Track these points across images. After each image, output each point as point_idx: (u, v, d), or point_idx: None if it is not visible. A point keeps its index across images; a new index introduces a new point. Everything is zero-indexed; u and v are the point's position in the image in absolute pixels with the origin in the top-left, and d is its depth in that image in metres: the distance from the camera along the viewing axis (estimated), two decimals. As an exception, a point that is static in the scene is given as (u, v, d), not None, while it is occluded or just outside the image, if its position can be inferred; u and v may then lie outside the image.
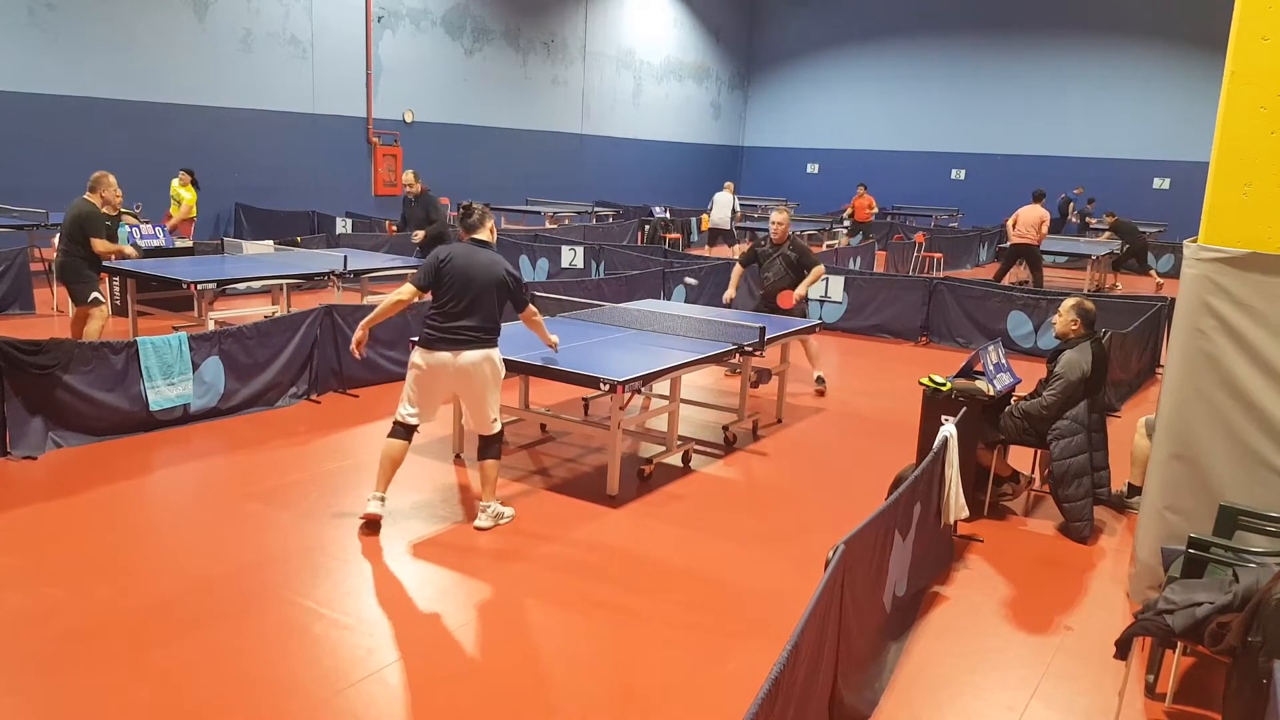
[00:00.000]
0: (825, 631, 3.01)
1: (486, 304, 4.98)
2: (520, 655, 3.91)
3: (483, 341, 4.99)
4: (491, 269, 5.00)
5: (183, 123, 15.53)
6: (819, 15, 28.61)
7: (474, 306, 4.94)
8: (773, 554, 5.04)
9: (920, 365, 9.88)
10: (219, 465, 5.99)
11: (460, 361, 4.93)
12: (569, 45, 23.22)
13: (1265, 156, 4.18)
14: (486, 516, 5.17)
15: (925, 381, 5.58)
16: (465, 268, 4.94)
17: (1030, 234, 14.23)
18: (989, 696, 3.81)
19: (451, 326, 4.94)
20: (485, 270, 4.97)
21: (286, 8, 16.80)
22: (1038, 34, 25.45)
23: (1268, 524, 4.09)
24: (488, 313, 4.99)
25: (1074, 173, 24.77)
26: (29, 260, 10.57)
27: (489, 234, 5.17)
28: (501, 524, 5.20)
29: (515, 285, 5.12)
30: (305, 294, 11.72)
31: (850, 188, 27.18)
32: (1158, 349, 10.02)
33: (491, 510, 5.19)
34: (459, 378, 4.98)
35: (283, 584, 4.41)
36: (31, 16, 13.53)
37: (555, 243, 14.11)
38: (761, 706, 2.20)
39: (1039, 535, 5.52)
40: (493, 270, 5.00)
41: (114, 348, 6.32)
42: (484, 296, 4.96)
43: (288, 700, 3.51)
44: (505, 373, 5.17)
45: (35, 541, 4.72)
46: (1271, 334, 4.21)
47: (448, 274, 4.94)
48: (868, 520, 3.41)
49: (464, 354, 4.93)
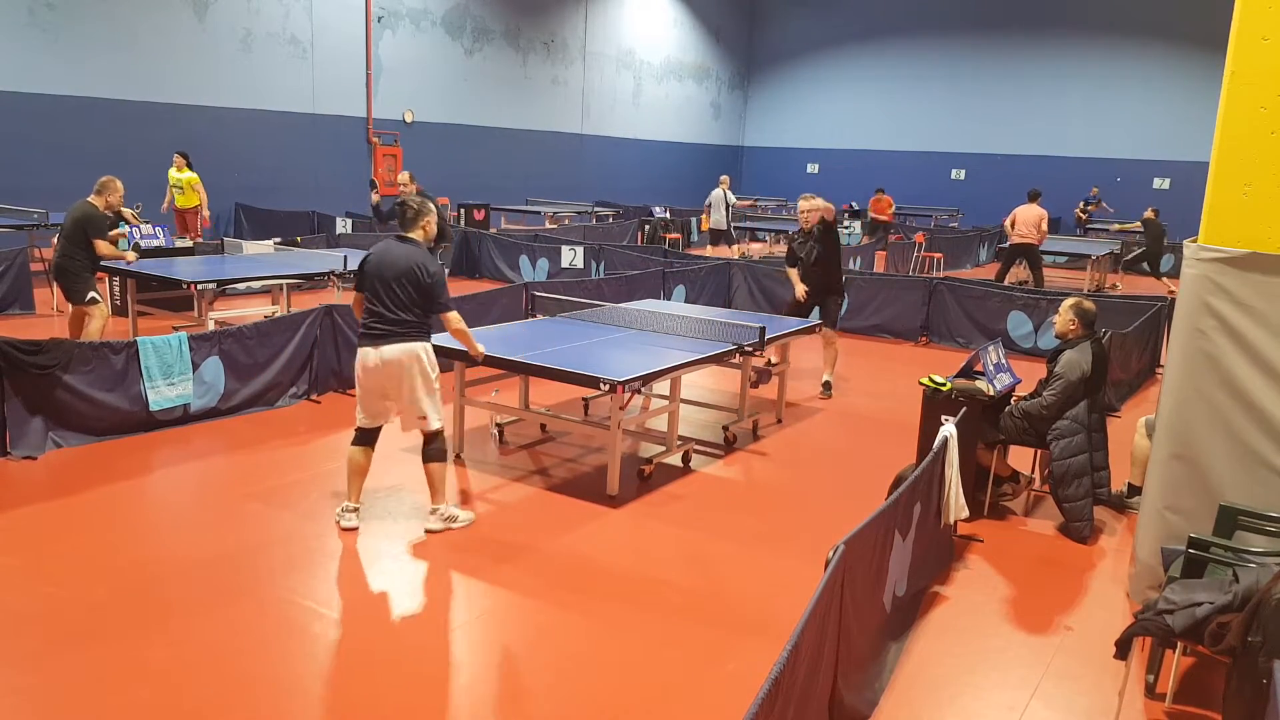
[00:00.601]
0: (825, 631, 3.01)
1: (401, 297, 4.84)
2: (520, 655, 3.91)
3: (400, 335, 4.87)
4: (402, 261, 4.86)
5: (183, 123, 15.53)
6: (819, 15, 28.61)
7: (389, 300, 4.85)
8: (773, 554, 5.04)
9: (920, 365, 9.88)
10: (219, 465, 5.99)
11: (382, 356, 4.86)
12: (569, 45, 23.22)
13: (1265, 156, 4.18)
14: (437, 519, 5.10)
15: (925, 381, 5.58)
16: (379, 264, 4.88)
17: (1031, 233, 14.21)
18: (989, 696, 3.81)
19: (371, 322, 4.90)
20: (396, 264, 4.86)
21: (286, 8, 16.81)
22: (1038, 34, 25.45)
23: (1268, 524, 4.08)
24: (403, 305, 4.86)
25: (1074, 173, 24.78)
26: (29, 260, 10.57)
27: (421, 232, 5.04)
28: (454, 528, 5.10)
29: (429, 281, 4.88)
30: (305, 294, 11.72)
31: (850, 188, 27.22)
32: (1158, 349, 10.01)
33: (442, 513, 5.11)
34: (384, 373, 4.90)
35: (283, 584, 4.41)
36: (31, 16, 13.53)
37: (555, 243, 14.11)
38: (761, 706, 2.20)
39: (1039, 535, 5.52)
40: (404, 263, 4.85)
41: (114, 348, 6.32)
42: (396, 289, 4.84)
43: (288, 700, 3.51)
44: (438, 370, 5.05)
45: (35, 541, 4.73)
46: (1271, 334, 4.21)
47: (367, 271, 4.93)
48: (868, 520, 3.41)
49: (384, 348, 4.86)
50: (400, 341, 4.88)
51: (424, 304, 4.92)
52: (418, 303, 4.90)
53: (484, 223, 17.99)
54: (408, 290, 4.86)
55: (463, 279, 14.26)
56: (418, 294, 4.88)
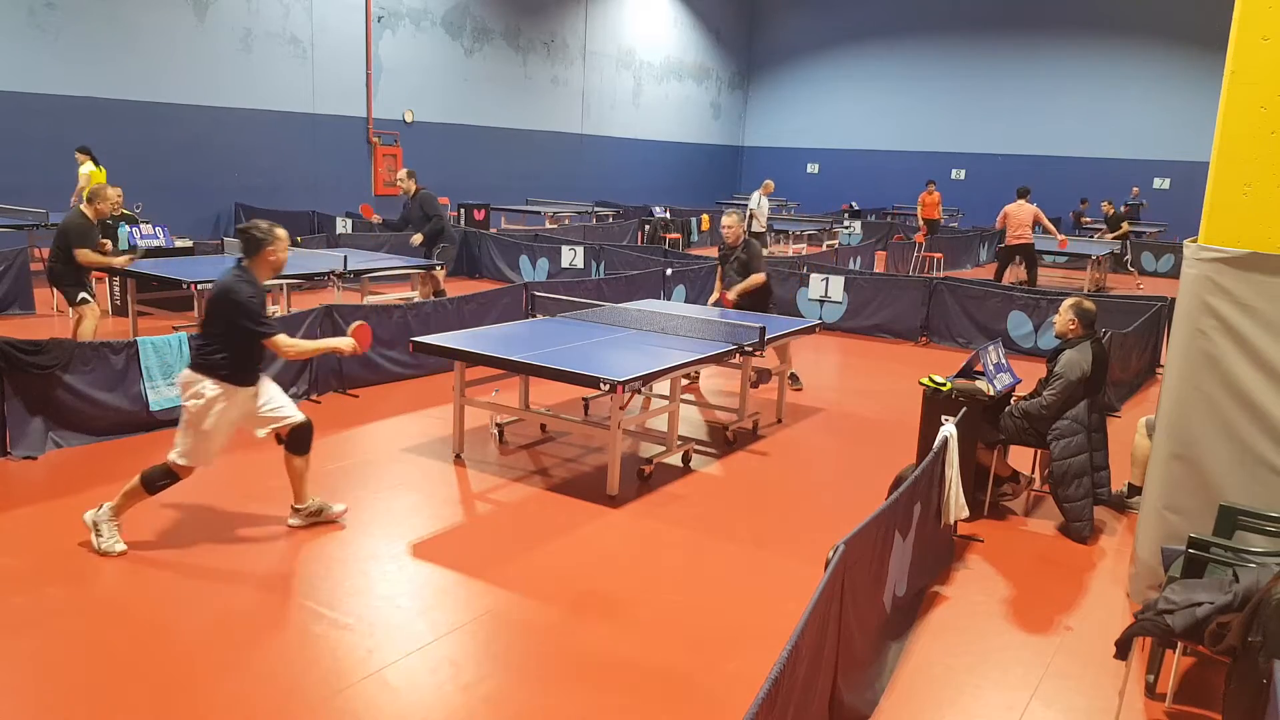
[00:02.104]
0: (825, 631, 3.01)
1: (211, 325, 4.65)
2: (520, 655, 3.91)
3: (195, 363, 4.67)
4: (216, 289, 4.65)
5: (183, 123, 15.54)
6: (819, 15, 28.61)
7: (204, 327, 4.69)
8: (773, 554, 5.04)
9: (920, 365, 9.88)
10: (219, 465, 5.97)
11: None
12: (569, 45, 23.22)
13: (1265, 156, 4.18)
14: (299, 518, 5.04)
15: (925, 381, 5.58)
16: (210, 291, 4.74)
17: (1026, 233, 14.19)
18: (989, 696, 3.81)
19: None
20: (213, 292, 4.66)
21: (286, 8, 16.81)
22: (1037, 34, 25.46)
23: (1268, 524, 4.08)
24: (210, 335, 4.64)
25: (1074, 173, 24.80)
26: (29, 260, 10.57)
27: (255, 261, 4.71)
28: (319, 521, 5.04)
29: (234, 310, 4.56)
30: (305, 294, 11.72)
31: (850, 188, 27.27)
32: (1158, 349, 10.02)
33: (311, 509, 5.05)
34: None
35: (283, 584, 4.41)
36: (31, 16, 13.53)
37: (555, 243, 14.11)
38: (761, 706, 2.20)
39: (1039, 535, 5.52)
40: (216, 290, 4.64)
41: (114, 348, 6.32)
42: (210, 318, 4.66)
43: (288, 700, 3.51)
44: (209, 416, 4.61)
45: (35, 541, 4.72)
46: (1271, 334, 4.20)
47: None
48: (868, 520, 3.41)
49: (183, 370, 4.75)
50: (192, 369, 4.66)
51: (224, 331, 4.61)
52: (228, 333, 4.59)
53: (484, 223, 17.99)
54: (221, 320, 4.60)
55: (463, 279, 14.27)
56: (237, 324, 4.58)
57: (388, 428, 6.94)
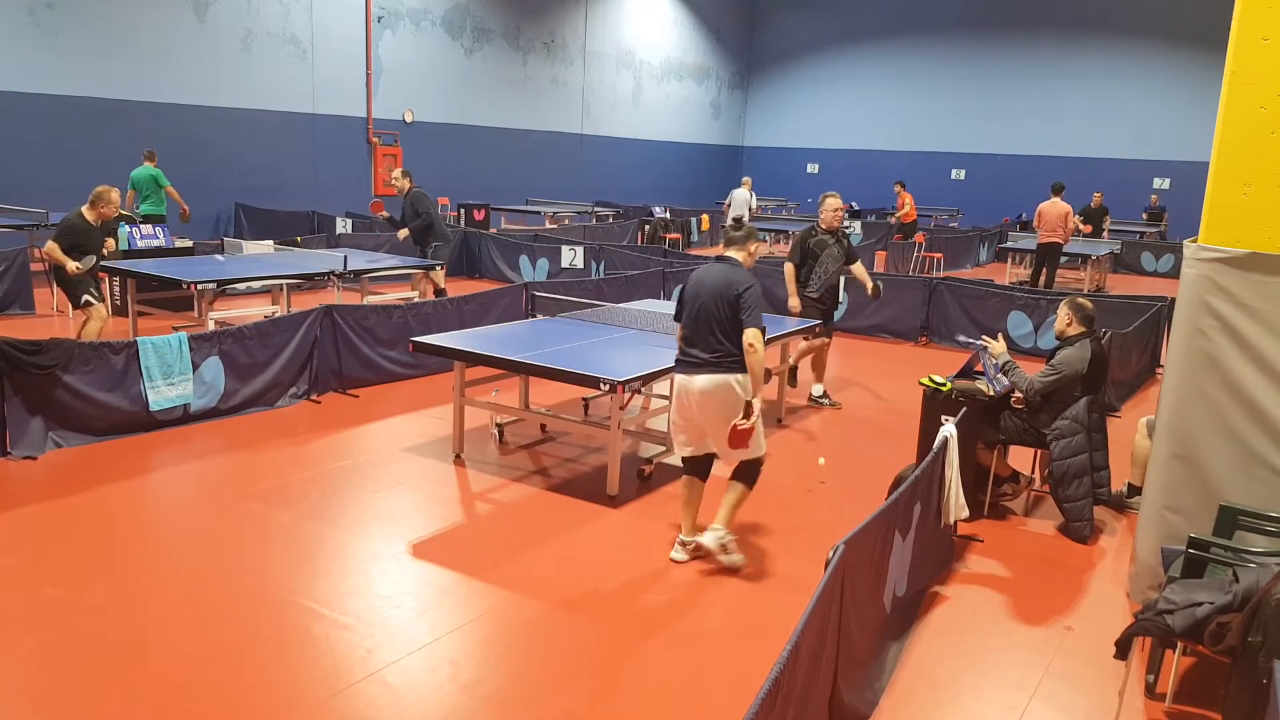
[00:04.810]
0: (825, 631, 3.00)
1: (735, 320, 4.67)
2: (520, 655, 3.91)
3: (736, 367, 4.67)
4: (746, 279, 4.71)
5: (183, 123, 15.54)
6: (819, 15, 28.61)
7: (731, 326, 4.66)
8: (773, 554, 5.04)
9: (920, 365, 9.88)
10: (219, 465, 5.99)
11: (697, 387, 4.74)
12: (569, 45, 23.22)
13: (1265, 156, 4.18)
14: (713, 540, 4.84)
15: (925, 381, 5.59)
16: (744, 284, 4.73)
17: (1057, 231, 13.98)
18: (989, 696, 3.81)
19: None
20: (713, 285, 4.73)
21: (286, 8, 16.81)
22: (1038, 34, 25.46)
23: (1268, 524, 4.08)
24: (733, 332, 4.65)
25: (1074, 173, 24.78)
26: (29, 260, 10.57)
27: (744, 253, 4.85)
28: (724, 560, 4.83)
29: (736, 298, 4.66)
30: (305, 294, 11.72)
31: (850, 188, 27.19)
32: (1158, 349, 10.02)
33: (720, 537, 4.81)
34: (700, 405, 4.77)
35: (283, 584, 4.41)
36: (31, 16, 13.53)
37: (555, 243, 14.11)
38: (761, 706, 2.20)
39: (1039, 535, 5.52)
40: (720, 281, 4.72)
41: (114, 348, 6.32)
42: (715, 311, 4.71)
43: (288, 700, 3.51)
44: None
45: (35, 541, 4.73)
46: (1271, 334, 4.21)
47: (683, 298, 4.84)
48: (868, 520, 3.41)
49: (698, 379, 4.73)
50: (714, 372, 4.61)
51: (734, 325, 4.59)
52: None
53: (484, 223, 17.99)
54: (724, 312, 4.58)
55: (463, 279, 14.27)
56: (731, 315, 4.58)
57: (388, 428, 6.94)
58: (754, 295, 4.59)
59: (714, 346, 4.62)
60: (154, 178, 12.27)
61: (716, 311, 4.60)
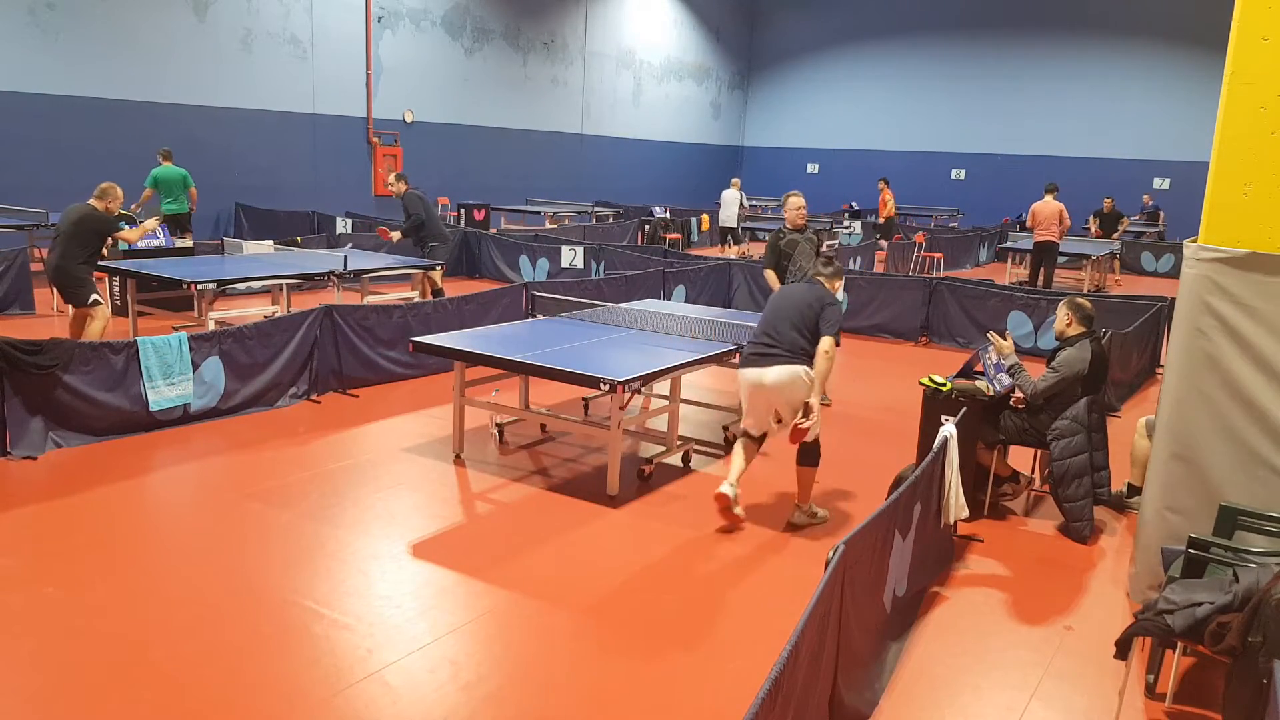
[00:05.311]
0: (825, 631, 3.00)
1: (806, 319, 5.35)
2: (520, 655, 3.91)
3: (802, 357, 5.28)
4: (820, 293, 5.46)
5: (183, 123, 15.54)
6: (819, 15, 28.62)
7: (801, 322, 5.33)
8: (773, 554, 5.04)
9: (920, 365, 9.88)
10: (219, 465, 5.99)
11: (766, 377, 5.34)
12: (569, 45, 23.22)
13: (1265, 156, 4.18)
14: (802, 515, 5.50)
15: (925, 381, 5.59)
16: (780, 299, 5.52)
17: (1053, 230, 14.01)
18: (989, 696, 3.81)
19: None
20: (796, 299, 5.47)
21: (286, 8, 16.81)
22: (1038, 34, 25.46)
23: (1268, 524, 4.08)
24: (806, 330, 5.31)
25: (1074, 173, 24.79)
26: (29, 260, 10.57)
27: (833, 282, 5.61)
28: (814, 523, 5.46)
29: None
30: (305, 294, 11.73)
31: (850, 188, 27.24)
32: (1158, 349, 10.02)
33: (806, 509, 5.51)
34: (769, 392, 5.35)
35: (283, 584, 4.41)
36: (31, 16, 13.54)
37: (555, 243, 14.11)
38: (761, 706, 2.20)
39: (1039, 535, 5.52)
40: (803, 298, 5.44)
41: (114, 348, 6.32)
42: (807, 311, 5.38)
43: (288, 700, 3.51)
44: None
45: (35, 541, 4.73)
46: (1271, 334, 4.21)
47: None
48: (868, 520, 3.41)
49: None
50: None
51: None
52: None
53: (484, 223, 18.00)
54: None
55: (463, 279, 14.27)
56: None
57: (388, 428, 6.94)
58: (836, 312, 5.30)
59: (791, 340, 5.21)
60: (184, 178, 12.38)
61: (799, 315, 5.25)
